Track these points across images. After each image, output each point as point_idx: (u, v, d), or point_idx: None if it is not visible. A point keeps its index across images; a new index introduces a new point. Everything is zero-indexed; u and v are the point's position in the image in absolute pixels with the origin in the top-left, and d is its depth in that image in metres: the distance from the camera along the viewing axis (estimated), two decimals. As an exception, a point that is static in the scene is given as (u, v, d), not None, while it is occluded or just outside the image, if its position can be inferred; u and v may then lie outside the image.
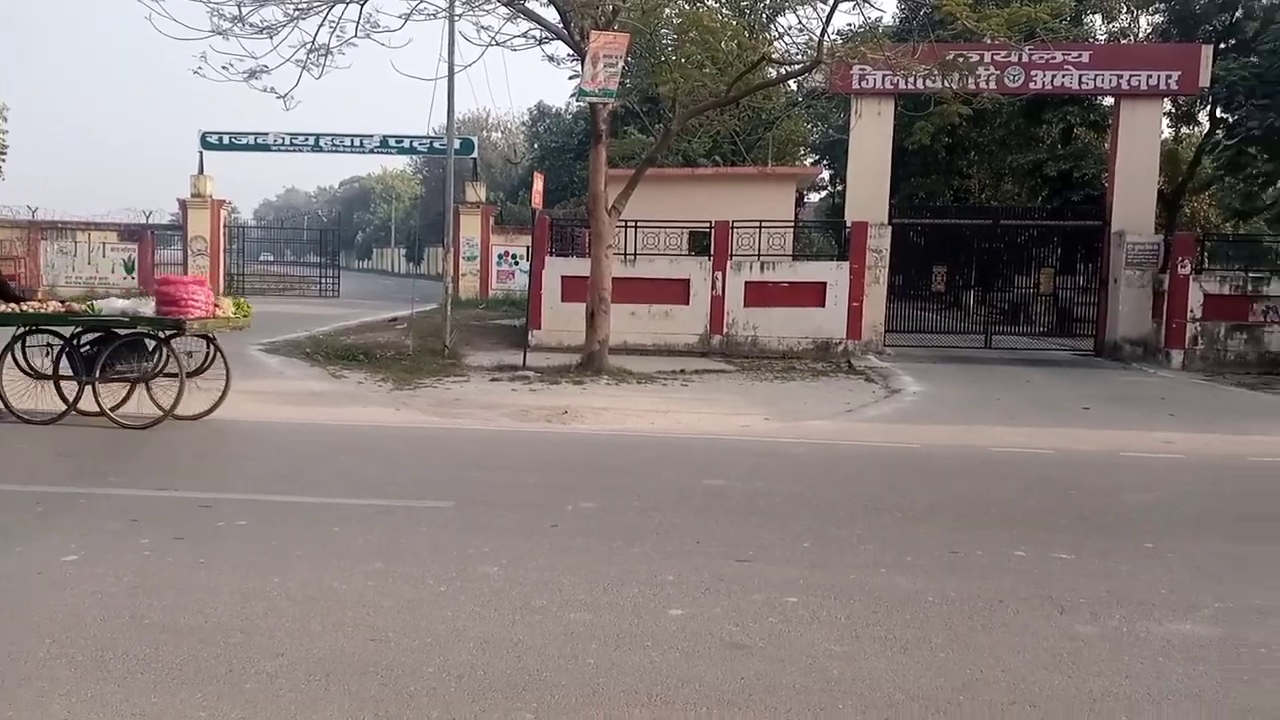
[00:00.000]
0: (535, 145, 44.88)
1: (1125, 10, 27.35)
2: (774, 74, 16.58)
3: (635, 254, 18.28)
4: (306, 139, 31.02)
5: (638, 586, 4.95)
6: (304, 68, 14.70)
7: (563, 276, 18.07)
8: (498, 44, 15.52)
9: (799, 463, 8.86)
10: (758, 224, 18.37)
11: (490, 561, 5.30)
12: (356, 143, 31.82)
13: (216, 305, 9.94)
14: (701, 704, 3.65)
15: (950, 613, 4.70)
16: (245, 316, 10.36)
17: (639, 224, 18.14)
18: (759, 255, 18.35)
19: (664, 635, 4.32)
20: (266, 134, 30.89)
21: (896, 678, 3.94)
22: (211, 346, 10.02)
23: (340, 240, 41.97)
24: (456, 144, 22.37)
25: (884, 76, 17.63)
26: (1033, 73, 18.32)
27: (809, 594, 4.88)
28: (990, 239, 22.08)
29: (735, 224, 18.26)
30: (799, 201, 29.90)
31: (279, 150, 31.46)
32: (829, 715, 3.60)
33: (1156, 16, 26.56)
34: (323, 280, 33.79)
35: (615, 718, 3.55)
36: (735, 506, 6.83)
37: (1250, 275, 18.42)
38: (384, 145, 32.28)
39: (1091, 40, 25.28)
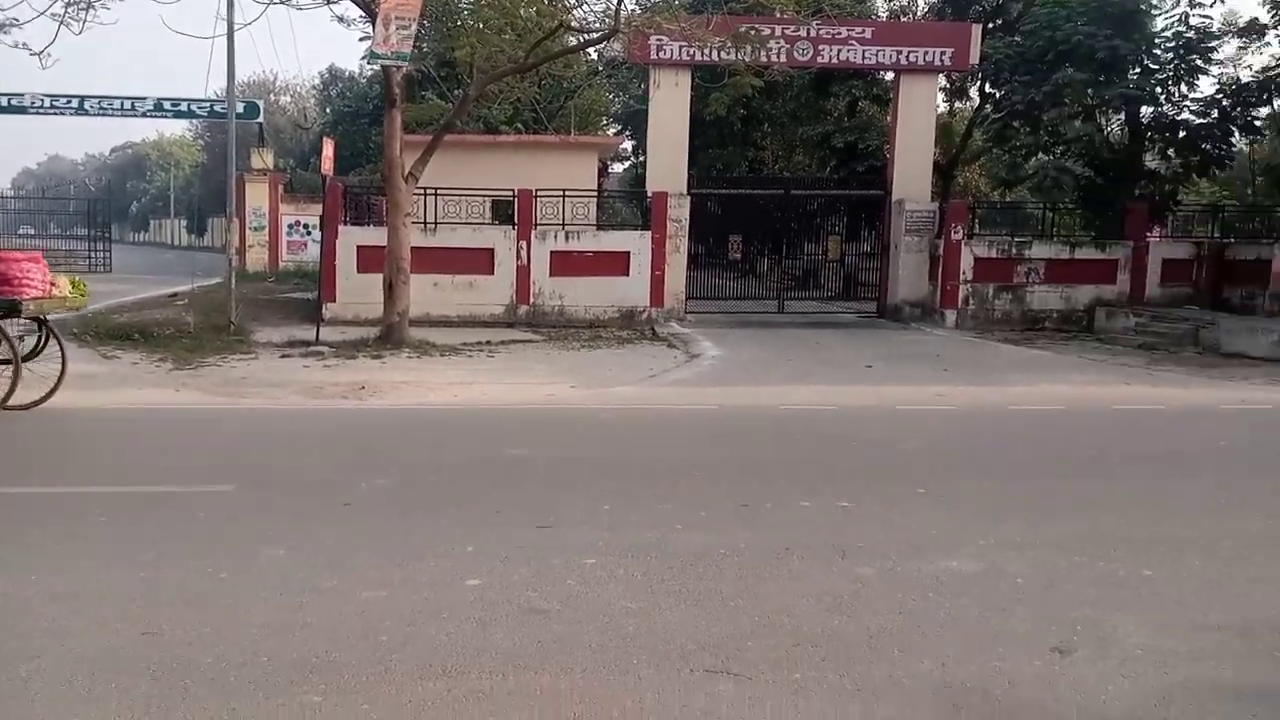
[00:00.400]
0: (328, 110, 42.97)
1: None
2: (573, 42, 16.52)
3: (436, 223, 17.84)
4: (70, 101, 28.37)
5: (435, 560, 4.86)
6: (62, 22, 13.45)
7: (358, 246, 17.41)
8: (281, 1, 14.70)
9: (603, 428, 8.95)
10: (561, 193, 18.31)
11: (276, 545, 5.06)
12: (128, 105, 29.35)
13: (53, 284, 9.13)
14: (497, 671, 3.63)
15: (741, 564, 4.87)
16: (82, 296, 9.70)
17: (439, 192, 17.71)
18: (564, 225, 18.31)
19: (461, 606, 4.26)
20: (23, 95, 28.03)
21: (689, 629, 4.05)
22: (45, 329, 9.16)
23: (112, 211, 38.76)
24: (239, 107, 21.11)
25: (680, 47, 17.88)
26: (820, 47, 19.04)
27: (607, 555, 4.93)
28: (783, 208, 22.96)
29: (539, 193, 18.13)
30: (603, 171, 30.04)
31: (38, 113, 28.59)
32: (623, 670, 3.65)
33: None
34: (92, 254, 31.11)
35: (408, 692, 3.47)
36: (538, 474, 6.82)
37: (1015, 240, 20.00)
38: (159, 109, 29.96)
39: (874, 17, 26.55)
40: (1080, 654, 3.89)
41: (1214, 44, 20.54)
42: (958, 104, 29.53)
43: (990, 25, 23.30)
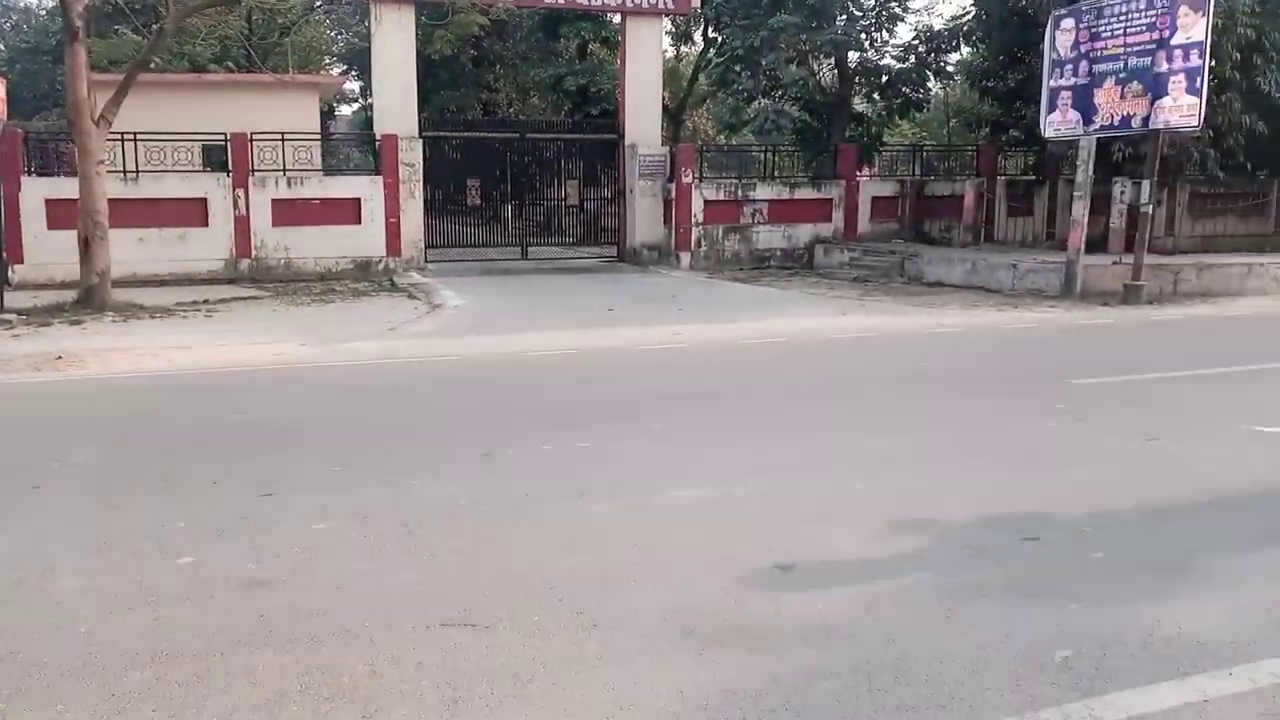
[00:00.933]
0: (1, 46, 37.90)
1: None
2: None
3: (139, 171, 16.25)
4: None
5: (141, 541, 4.44)
6: None
7: (47, 200, 15.56)
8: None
9: (337, 387, 8.54)
10: (280, 136, 17.17)
11: (-53, 539, 4.45)
12: None
13: None
14: (214, 651, 3.37)
15: (480, 514, 4.80)
16: None
17: (140, 137, 16.11)
18: (285, 171, 17.20)
19: (172, 588, 3.92)
20: None
21: (425, 585, 3.94)
22: None
23: None
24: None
25: (402, -18, 17.13)
26: (547, -13, 18.87)
27: (337, 518, 4.71)
28: (521, 152, 22.69)
29: (255, 136, 16.90)
30: (329, 113, 28.48)
31: None
32: (354, 635, 3.50)
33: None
34: None
35: (110, 686, 3.15)
36: (262, 441, 6.40)
37: (741, 182, 20.89)
38: None
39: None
40: (800, 567, 4.13)
41: (910, -6, 22.20)
42: (684, 48, 30.29)
43: (711, -30, 23.92)
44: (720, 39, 23.46)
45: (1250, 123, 17.46)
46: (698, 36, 27.38)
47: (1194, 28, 13.09)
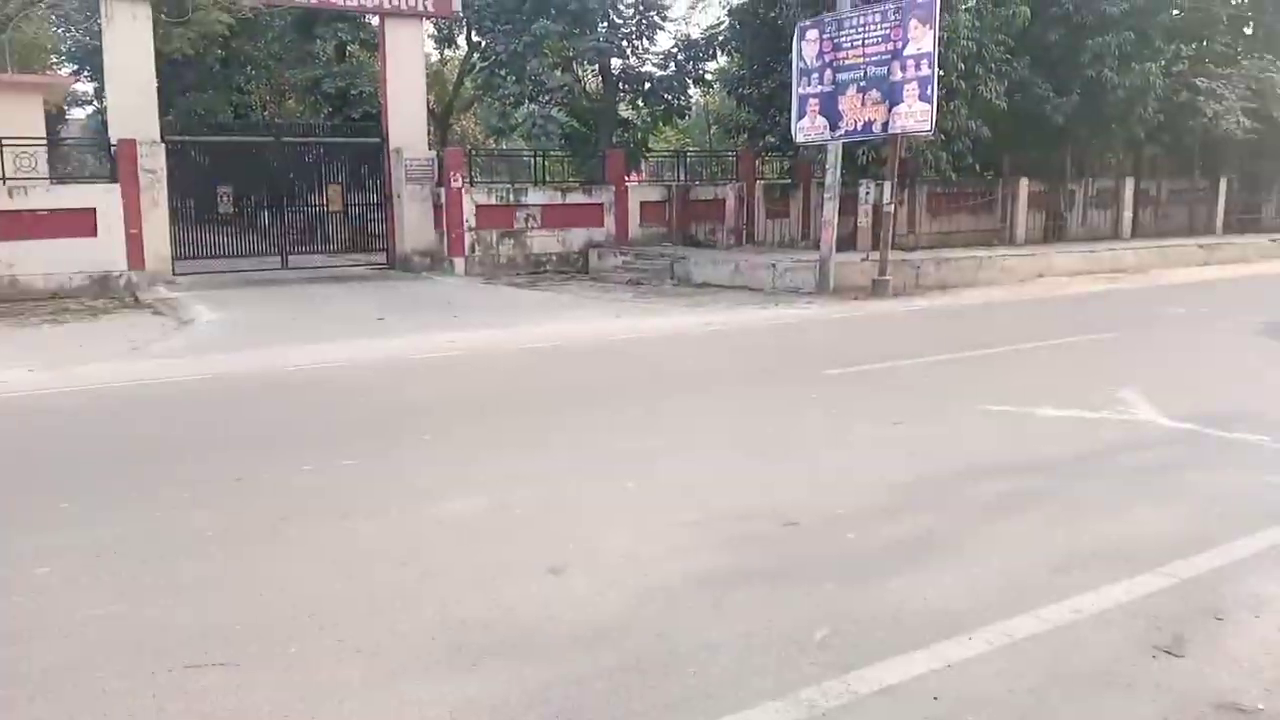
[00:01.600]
0: None
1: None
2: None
3: None
4: None
5: None
6: None
7: None
8: None
9: (69, 417, 7.74)
10: (-3, 142, 15.48)
11: None
12: None
13: None
14: (-92, 728, 2.95)
15: (232, 542, 4.48)
16: None
17: None
18: (5, 180, 15.52)
19: None
20: None
21: (169, 623, 3.62)
22: None
23: None
24: None
25: (135, -24, 15.85)
26: (298, -15, 18.04)
27: (68, 558, 4.25)
28: (278, 157, 21.52)
29: (-36, 143, 15.15)
30: (59, 117, 25.98)
31: None
32: (84, 687, 3.15)
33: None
34: None
35: None
36: (-24, 477, 5.70)
37: (514, 187, 20.80)
38: None
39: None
40: (573, 571, 4.11)
41: (667, 3, 22.89)
42: (448, 51, 29.84)
43: (472, -26, 23.68)
44: (484, 43, 23.25)
45: (976, 127, 19.19)
46: (461, 40, 27.01)
47: (923, 40, 14.19)
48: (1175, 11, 23.25)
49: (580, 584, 3.99)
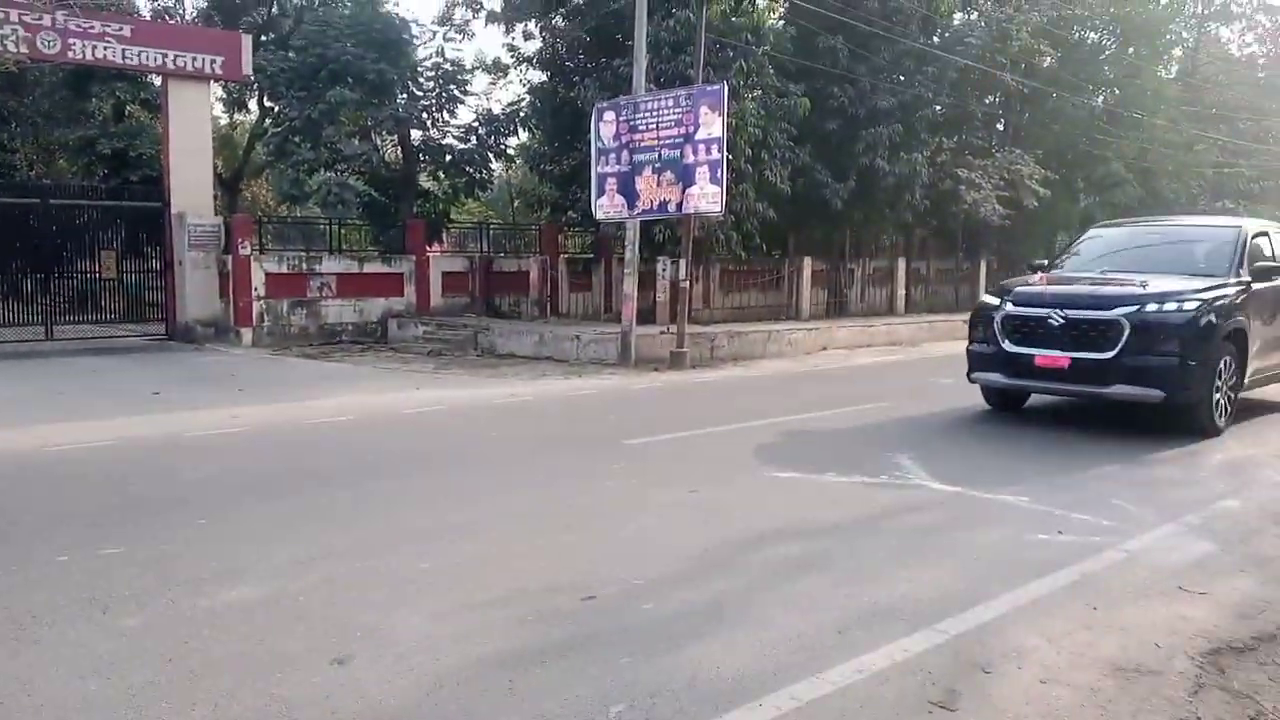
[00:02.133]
0: None
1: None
2: None
3: None
4: None
5: None
6: None
7: None
8: None
9: None
10: None
11: None
12: None
13: None
14: None
15: (-34, 648, 3.99)
16: None
17: None
18: None
19: None
20: None
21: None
22: None
23: None
24: None
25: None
26: (70, 41, 16.96)
27: None
28: (45, 220, 19.95)
29: None
30: None
31: None
32: None
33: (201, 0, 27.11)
34: None
35: None
36: None
37: (307, 255, 20.13)
38: None
39: (136, 15, 24.51)
40: (359, 660, 3.91)
41: (468, 77, 23.02)
42: (238, 116, 28.80)
43: (263, 38, 23.10)
44: (277, 108, 22.58)
45: (763, 209, 20.27)
46: (253, 104, 26.16)
47: (713, 125, 14.92)
48: (938, 107, 25.57)
49: (367, 673, 3.79)
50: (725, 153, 15.10)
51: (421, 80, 22.10)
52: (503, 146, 23.60)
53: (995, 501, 6.60)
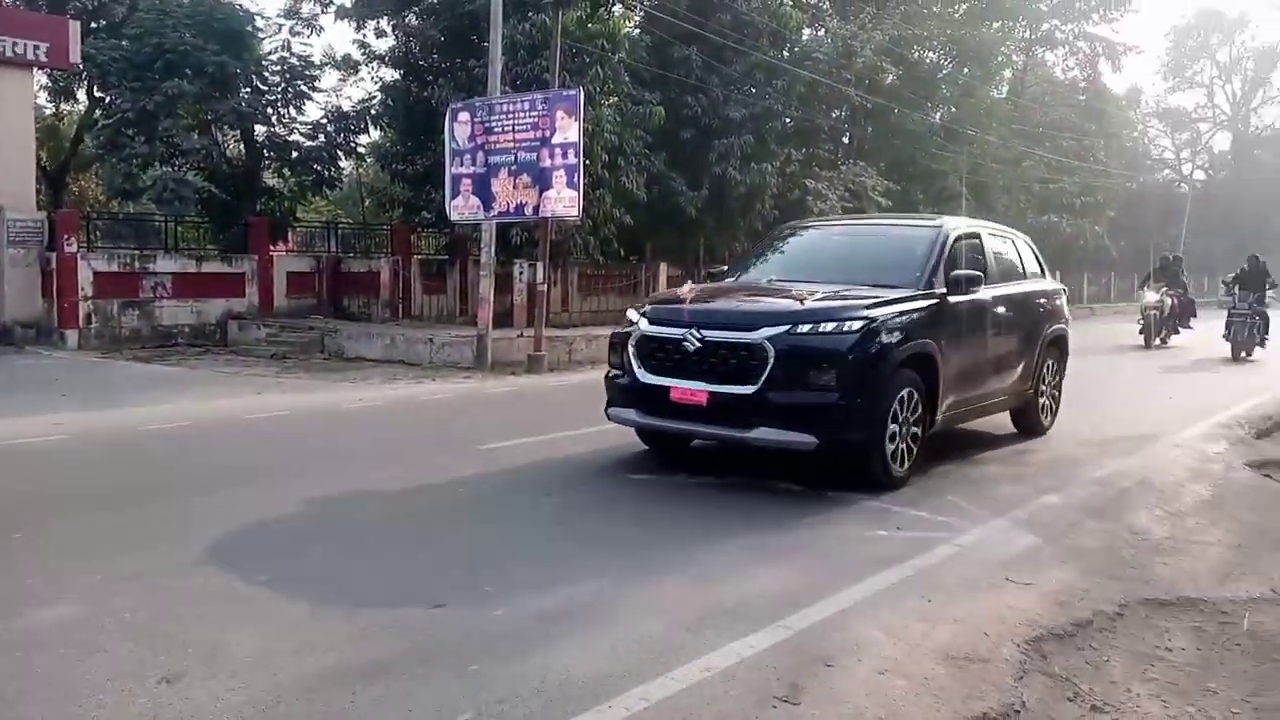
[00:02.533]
0: None
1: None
2: None
3: None
4: None
5: None
6: None
7: None
8: None
9: None
10: None
11: None
12: None
13: None
14: None
15: None
16: None
17: None
18: None
19: None
20: None
21: None
22: None
23: None
24: None
25: None
26: None
27: None
28: None
29: None
30: None
31: None
32: None
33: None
34: None
35: None
36: None
37: (140, 253, 19.06)
38: None
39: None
40: (191, 677, 3.71)
41: (316, 73, 22.36)
42: (65, 106, 27.02)
43: (94, 24, 21.76)
44: (108, 99, 21.29)
45: (620, 215, 20.42)
46: (82, 94, 24.57)
47: (570, 130, 14.93)
48: (788, 120, 26.39)
49: (199, 691, 3.60)
50: (582, 158, 15.13)
51: (266, 74, 21.30)
52: (353, 144, 23.01)
53: (838, 499, 6.82)
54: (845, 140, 32.07)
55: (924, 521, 6.27)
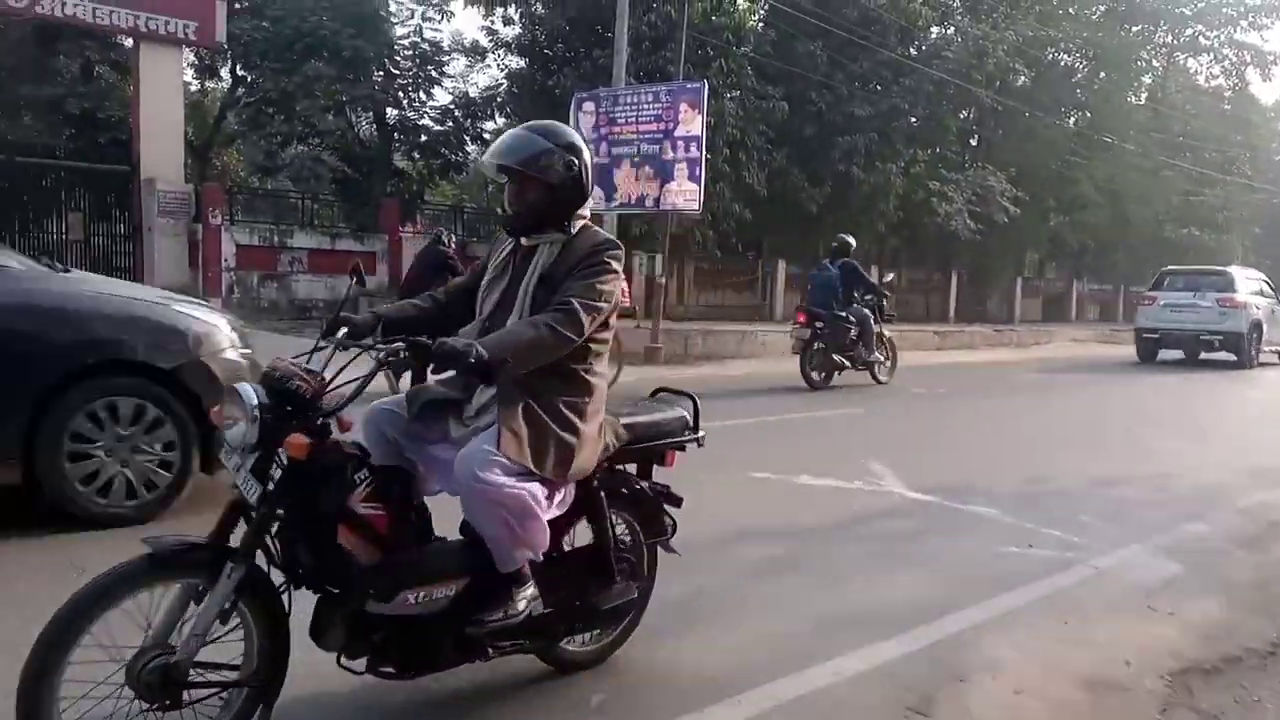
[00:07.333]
0: None
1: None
2: None
3: None
4: None
5: None
6: None
7: None
8: None
9: None
10: None
11: None
12: None
13: None
14: None
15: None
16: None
17: None
18: None
19: None
20: None
21: None
22: None
23: None
24: None
25: None
26: (41, -5, 16.57)
27: None
28: (8, 178, 19.51)
29: None
30: None
31: None
32: None
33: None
34: None
35: None
36: None
37: (279, 228, 19.86)
38: None
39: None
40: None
41: (445, 59, 22.87)
42: (210, 83, 28.33)
43: (238, 5, 22.72)
44: (250, 78, 22.21)
45: (740, 210, 20.32)
46: (225, 73, 25.71)
47: (693, 123, 14.92)
48: (913, 119, 25.81)
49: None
50: (704, 151, 15.11)
51: (399, 59, 21.89)
52: (479, 130, 23.46)
53: (967, 512, 6.66)
54: (973, 142, 31.20)
55: (1058, 541, 6.07)
